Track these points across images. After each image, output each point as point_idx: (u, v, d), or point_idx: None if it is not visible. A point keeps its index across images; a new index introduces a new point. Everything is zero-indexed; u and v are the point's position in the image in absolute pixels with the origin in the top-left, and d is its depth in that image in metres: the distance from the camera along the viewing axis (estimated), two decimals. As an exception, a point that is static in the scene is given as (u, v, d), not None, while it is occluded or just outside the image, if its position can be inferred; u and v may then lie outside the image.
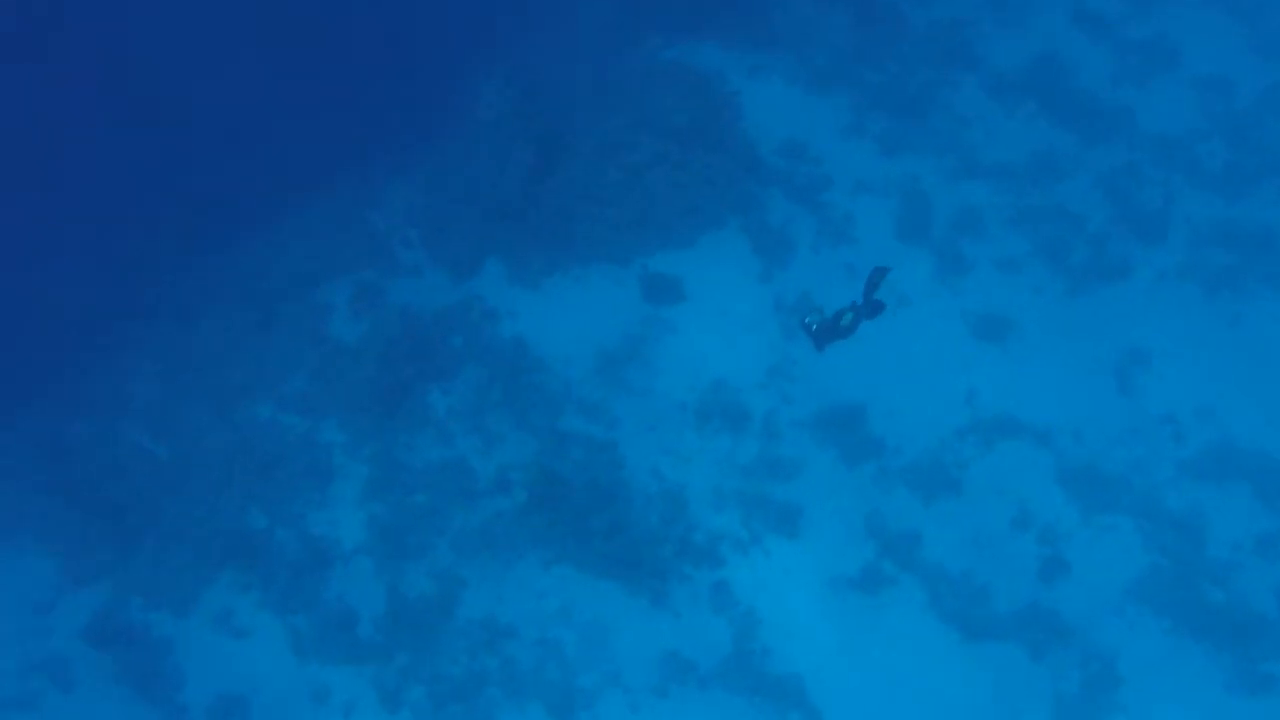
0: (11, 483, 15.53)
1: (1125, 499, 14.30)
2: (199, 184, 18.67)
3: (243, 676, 13.69)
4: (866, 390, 15.24)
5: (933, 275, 16.25)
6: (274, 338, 16.47)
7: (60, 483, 14.84)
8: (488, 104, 16.80)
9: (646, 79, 18.00)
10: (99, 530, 14.33)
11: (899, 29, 18.97)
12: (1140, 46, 17.92)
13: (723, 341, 15.62)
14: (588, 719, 13.24)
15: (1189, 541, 13.81)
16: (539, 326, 15.96)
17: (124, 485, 14.84)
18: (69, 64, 18.19)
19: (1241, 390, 14.97)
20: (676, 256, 16.29)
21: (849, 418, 14.97)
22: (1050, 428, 14.90)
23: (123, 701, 13.56)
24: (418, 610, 13.97)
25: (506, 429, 15.12)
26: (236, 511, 14.67)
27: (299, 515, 14.69)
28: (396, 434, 15.23)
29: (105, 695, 13.56)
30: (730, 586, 13.82)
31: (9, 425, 16.31)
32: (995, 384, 15.31)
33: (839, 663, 13.58)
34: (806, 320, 11.86)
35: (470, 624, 13.82)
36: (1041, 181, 16.85)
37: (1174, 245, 15.89)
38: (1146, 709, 13.09)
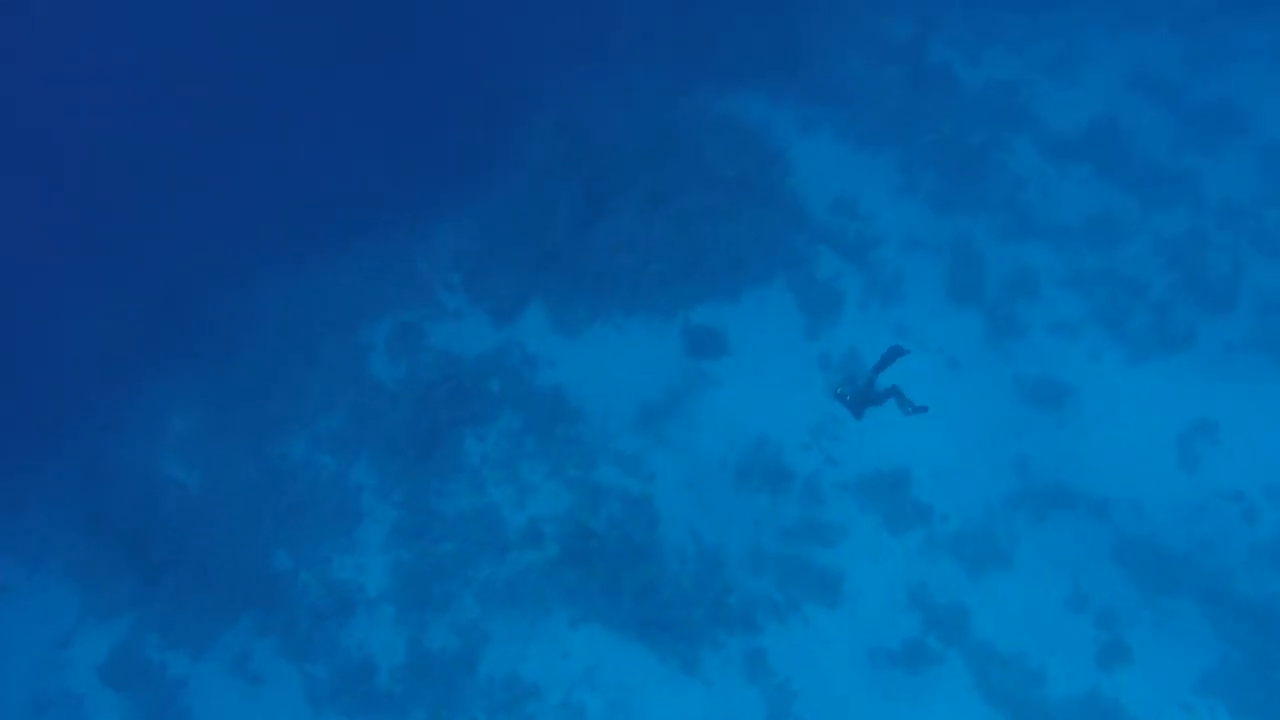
0: (46, 509, 15.56)
1: (1191, 581, 13.39)
2: (246, 220, 19.03)
3: (256, 725, 13.31)
4: (913, 454, 14.64)
5: (984, 337, 15.70)
6: (312, 375, 16.45)
7: (91, 512, 14.80)
8: (536, 150, 16.89)
9: (696, 130, 17.98)
10: (124, 562, 14.21)
11: (952, 88, 18.79)
12: (1204, 111, 17.45)
13: (766, 398, 15.19)
14: (610, 791, 12.58)
15: (1265, 633, 12.83)
16: (578, 375, 15.70)
17: (153, 517, 14.74)
18: (119, 100, 18.82)
19: (1317, 470, 14.10)
20: (721, 310, 16.00)
21: (895, 482, 14.36)
22: (1107, 500, 14.12)
23: (133, 744, 13.25)
24: (438, 664, 13.51)
25: (540, 479, 14.77)
26: (262, 551, 14.44)
27: (324, 558, 14.41)
28: (428, 479, 14.97)
29: (116, 737, 13.27)
30: (765, 655, 13.15)
31: (50, 452, 16.43)
32: (1049, 452, 14.61)
33: (879, 744, 12.76)
34: (839, 391, 12.05)
35: (491, 681, 13.29)
36: (1099, 245, 16.32)
37: (1242, 315, 15.17)
38: (1217, 817, 12.05)
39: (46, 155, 18.40)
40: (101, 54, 19.45)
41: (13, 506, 15.40)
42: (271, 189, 19.66)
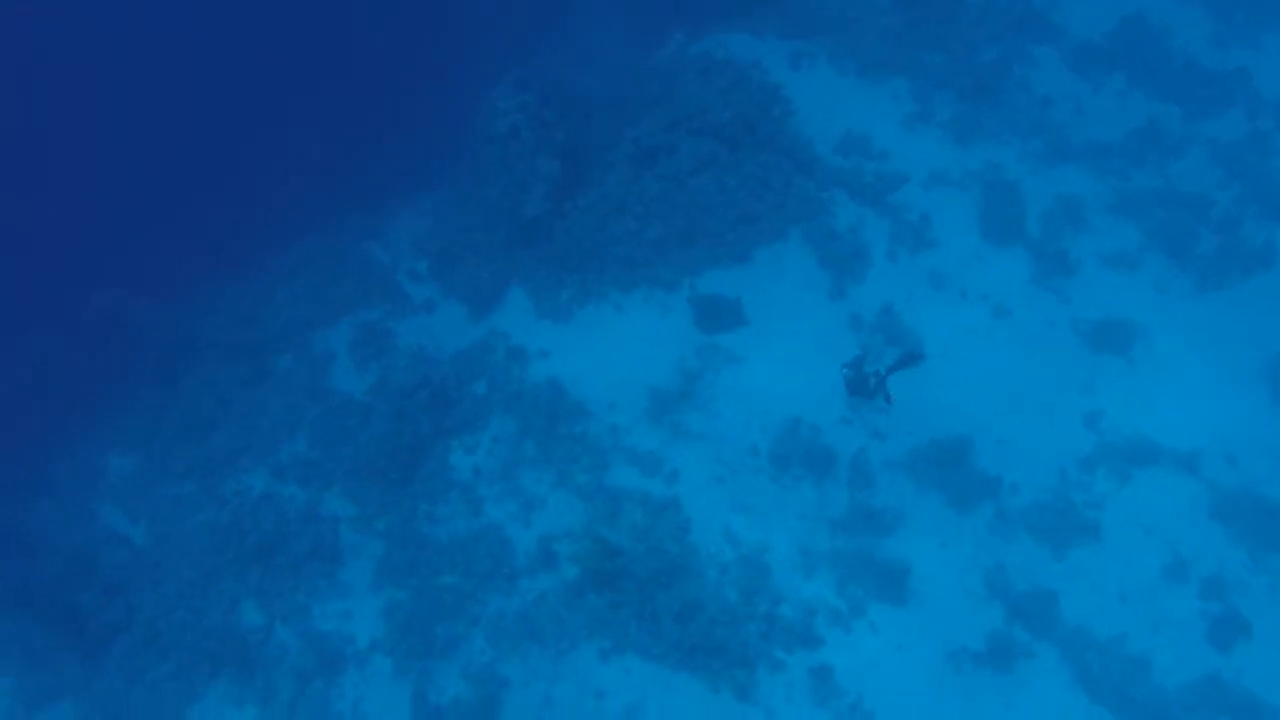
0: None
1: (1303, 535, 11.74)
2: (174, 223, 16.58)
3: (240, 820, 11.21)
4: (969, 419, 12.80)
5: (1032, 278, 13.88)
6: (266, 395, 14.19)
7: (16, 581, 12.46)
8: (501, 114, 14.56)
9: (677, 76, 15.79)
10: (60, 637, 11.92)
11: (955, 2, 16.77)
12: None
13: (794, 372, 13.22)
14: None
15: (1397, 585, 11.25)
16: (576, 365, 13.61)
17: (92, 580, 12.46)
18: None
19: None
20: (731, 275, 13.96)
21: (953, 453, 12.50)
22: (1196, 451, 12.42)
23: None
24: (450, 719, 11.47)
25: (546, 490, 12.70)
26: (227, 608, 12.24)
27: (302, 608, 12.26)
28: (415, 503, 12.84)
29: None
30: (832, 672, 11.27)
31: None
32: (1122, 402, 12.86)
33: (972, 759, 10.99)
34: (843, 370, 11.69)
35: (516, 735, 11.31)
36: (1146, 162, 14.53)
37: (1321, 224, 13.49)
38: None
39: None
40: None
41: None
42: (199, 186, 17.19)
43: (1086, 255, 13.88)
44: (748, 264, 14.03)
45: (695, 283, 13.92)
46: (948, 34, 16.44)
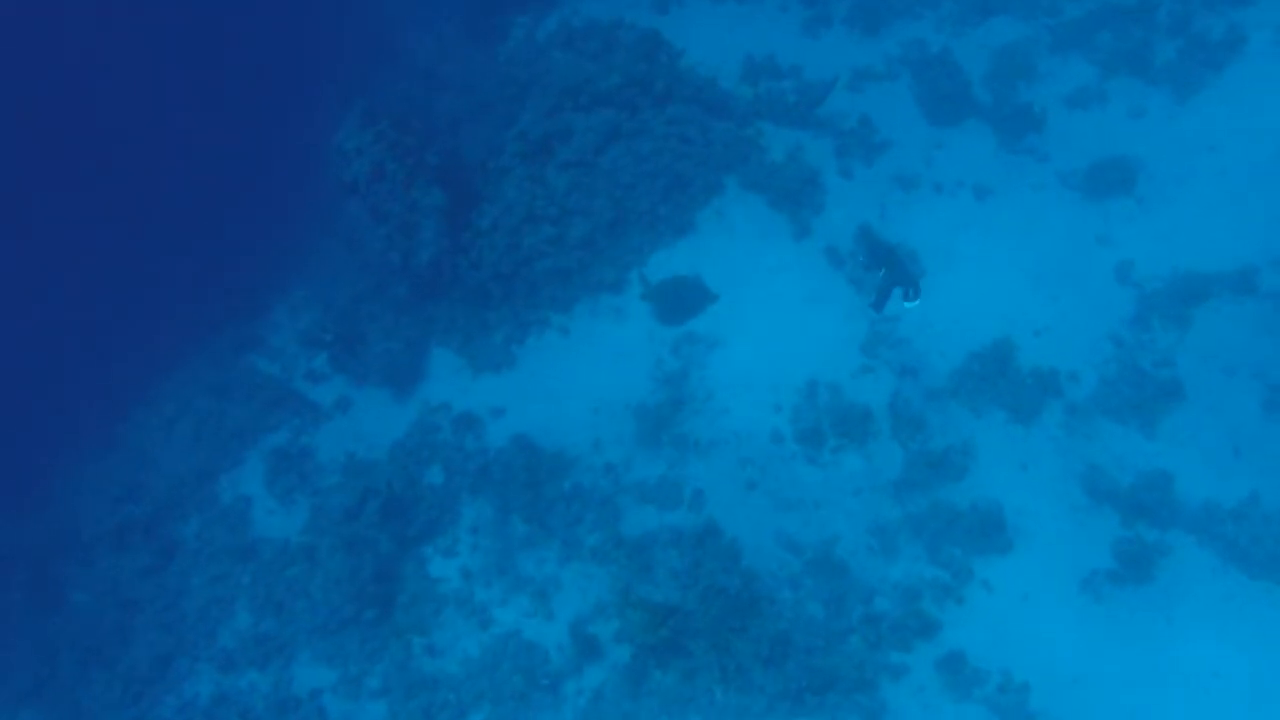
0: None
1: (1391, 322, 10.39)
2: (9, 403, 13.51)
3: None
4: (997, 318, 11.07)
5: (1000, 145, 12.30)
6: (181, 576, 11.35)
7: None
8: (355, 155, 12.11)
9: (539, 59, 13.65)
10: None
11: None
12: None
13: (787, 333, 11.25)
14: None
15: None
16: (538, 413, 11.32)
17: None
18: None
19: None
20: (679, 251, 11.93)
21: (996, 362, 10.74)
22: (1244, 269, 10.96)
23: None
24: None
25: (554, 568, 10.35)
26: None
27: (311, 823, 9.55)
28: (407, 639, 10.27)
29: None
30: (964, 656, 9.29)
31: None
32: (1148, 244, 11.35)
33: (1150, 692, 9.14)
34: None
35: None
36: (1070, -13, 13.16)
37: (1273, -9, 12.33)
38: None
39: None
40: None
41: None
42: (28, 354, 14.15)
43: (1049, 105, 12.38)
44: (693, 233, 12.00)
45: (644, 273, 11.80)
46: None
